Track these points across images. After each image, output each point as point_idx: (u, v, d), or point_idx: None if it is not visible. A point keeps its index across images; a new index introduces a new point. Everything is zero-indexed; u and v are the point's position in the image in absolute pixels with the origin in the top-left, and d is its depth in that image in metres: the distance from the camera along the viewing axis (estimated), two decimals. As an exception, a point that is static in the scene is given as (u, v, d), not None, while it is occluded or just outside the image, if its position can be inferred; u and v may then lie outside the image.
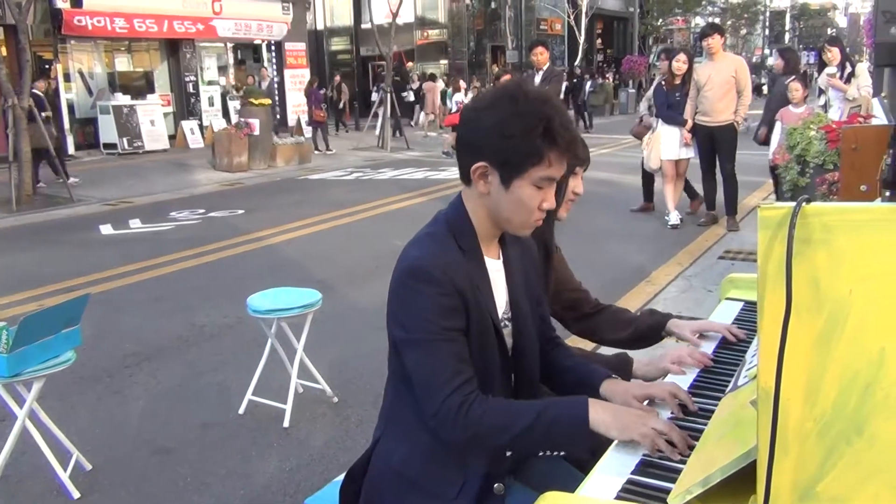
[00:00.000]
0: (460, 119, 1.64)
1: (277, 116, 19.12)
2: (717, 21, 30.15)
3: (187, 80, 18.81)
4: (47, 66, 15.68)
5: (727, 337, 2.00)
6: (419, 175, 12.77)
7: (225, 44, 20.29)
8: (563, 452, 1.59)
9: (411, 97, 22.18)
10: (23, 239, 8.57)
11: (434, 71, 25.94)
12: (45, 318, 3.00)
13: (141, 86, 18.30)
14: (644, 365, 1.95)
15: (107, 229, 8.87)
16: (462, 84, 19.35)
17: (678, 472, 1.33)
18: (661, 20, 36.69)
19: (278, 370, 3.94)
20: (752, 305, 2.25)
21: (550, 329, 1.90)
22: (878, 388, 0.99)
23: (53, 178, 11.53)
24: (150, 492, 3.16)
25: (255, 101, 13.84)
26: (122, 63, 18.34)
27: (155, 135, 17.02)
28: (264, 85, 16.73)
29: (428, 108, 21.04)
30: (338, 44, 30.94)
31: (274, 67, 20.81)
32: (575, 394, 1.63)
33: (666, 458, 1.41)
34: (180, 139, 17.95)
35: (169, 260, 7.16)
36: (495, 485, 1.64)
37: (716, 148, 7.69)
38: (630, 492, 1.32)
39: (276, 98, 19.59)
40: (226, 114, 19.26)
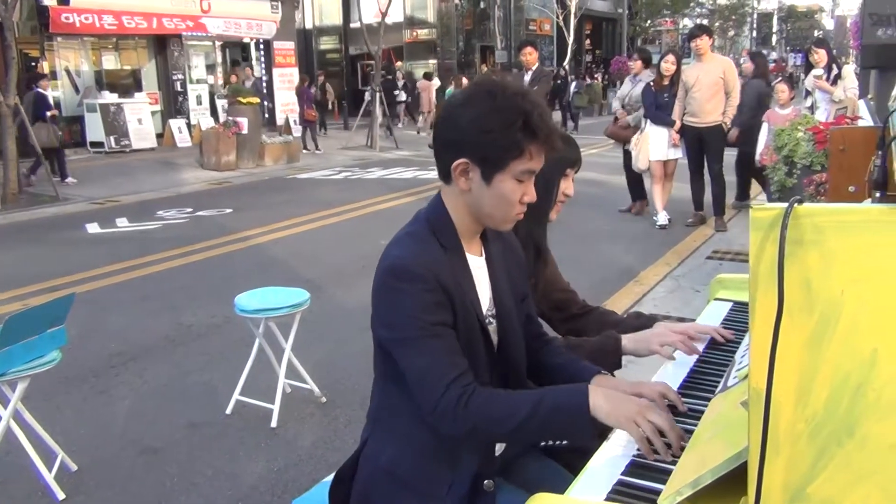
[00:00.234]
0: (437, 117, 1.63)
1: (266, 115, 19.05)
2: (704, 22, 30.27)
3: (175, 78, 18.71)
4: (34, 64, 15.59)
5: (715, 338, 2.00)
6: (408, 175, 12.75)
7: (213, 42, 20.19)
8: (565, 442, 1.58)
9: (403, 96, 22.14)
10: (8, 238, 8.50)
11: (424, 70, 25.95)
12: (29, 317, 2.97)
13: (128, 84, 18.19)
14: (633, 342, 1.94)
15: (93, 228, 8.81)
16: (465, 81, 19.33)
17: (668, 473, 1.32)
18: (649, 21, 36.84)
19: (266, 370, 3.92)
20: (742, 306, 2.25)
21: (537, 325, 1.89)
22: (869, 389, 0.99)
23: (44, 176, 11.44)
24: (136, 492, 3.14)
25: (244, 100, 13.79)
26: (110, 61, 18.21)
27: (142, 133, 16.91)
28: (248, 84, 16.64)
29: (424, 106, 21.07)
30: (327, 43, 30.89)
31: (262, 66, 20.73)
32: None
33: (657, 457, 1.40)
34: (168, 138, 17.85)
35: (156, 259, 7.12)
36: (485, 481, 1.64)
37: (704, 149, 7.72)
38: (620, 493, 1.31)
39: (266, 96, 19.54)
40: (214, 112, 19.16)
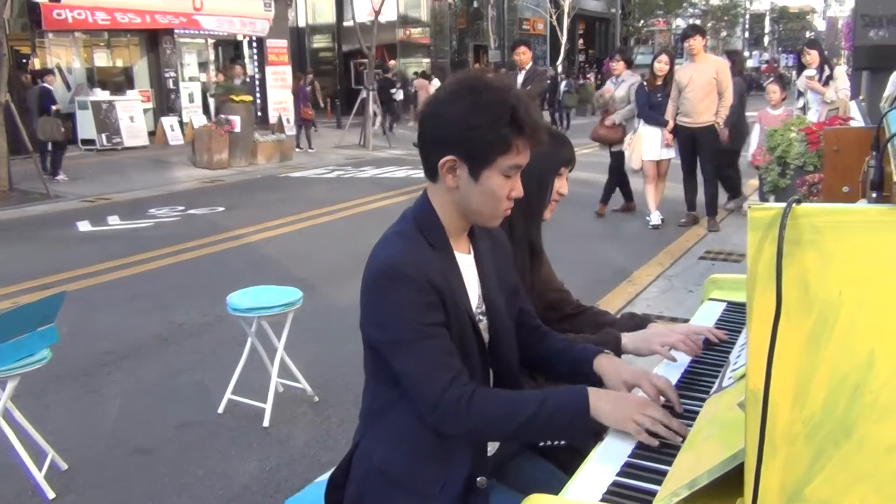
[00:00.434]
0: (421, 116, 1.61)
1: (258, 113, 18.99)
2: (697, 23, 30.34)
3: (167, 76, 18.63)
4: (24, 61, 15.50)
5: (710, 338, 2.00)
6: (401, 174, 12.74)
7: (206, 40, 20.12)
8: (562, 442, 1.58)
9: (400, 95, 22.09)
10: (-2, 235, 8.46)
11: (416, 69, 25.92)
12: (19, 315, 2.96)
13: (120, 81, 18.10)
14: (634, 340, 1.92)
15: (84, 226, 8.77)
16: None
17: (664, 473, 1.32)
18: (642, 21, 36.91)
19: (258, 369, 3.91)
20: (735, 306, 2.25)
21: (533, 318, 1.87)
22: (866, 390, 0.99)
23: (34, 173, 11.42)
24: (127, 492, 3.12)
25: (236, 98, 13.75)
26: (101, 58, 18.13)
27: (134, 131, 16.83)
28: (237, 82, 16.55)
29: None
30: (320, 41, 30.85)
31: (256, 64, 20.66)
32: (571, 375, 1.66)
33: (652, 458, 1.40)
34: (160, 136, 17.77)
35: (148, 257, 7.09)
36: (478, 479, 1.64)
37: (697, 149, 7.72)
38: (615, 494, 1.31)
39: (258, 95, 19.48)
40: (206, 110, 19.07)
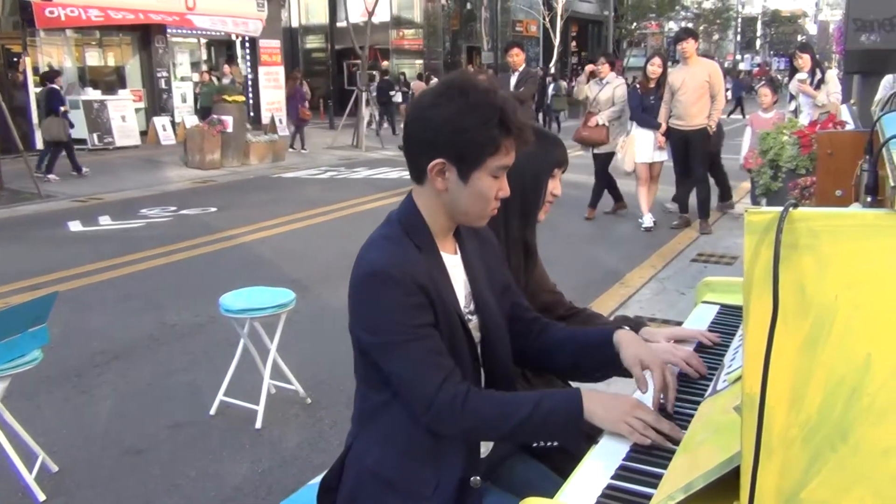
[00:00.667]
0: (407, 118, 1.61)
1: (251, 114, 18.95)
2: (690, 26, 30.43)
3: (159, 75, 18.57)
4: (16, 60, 15.41)
5: (703, 342, 2.00)
6: (394, 175, 12.74)
7: (198, 40, 20.07)
8: (555, 443, 1.59)
9: (399, 97, 22.05)
10: (-11, 235, 8.41)
11: (409, 70, 25.91)
12: (10, 316, 2.94)
13: (112, 81, 18.03)
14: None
15: (76, 226, 8.73)
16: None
17: (659, 477, 1.32)
18: (635, 24, 37.00)
19: (250, 370, 3.89)
20: (729, 309, 2.25)
21: (529, 311, 1.86)
22: (863, 393, 0.99)
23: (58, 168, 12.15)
24: (118, 493, 3.11)
25: (229, 98, 13.71)
26: (93, 57, 18.06)
27: (126, 131, 16.77)
28: (226, 81, 16.50)
29: None
30: (313, 42, 30.80)
31: (248, 64, 20.62)
32: (574, 366, 1.70)
33: (647, 462, 1.40)
34: (152, 135, 17.71)
35: (139, 258, 7.06)
36: (472, 478, 1.64)
37: (689, 151, 7.74)
38: (610, 497, 1.31)
39: (251, 95, 19.43)
40: (196, 110, 19.03)
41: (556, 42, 28.94)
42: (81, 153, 15.65)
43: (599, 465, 1.41)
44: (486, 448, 1.73)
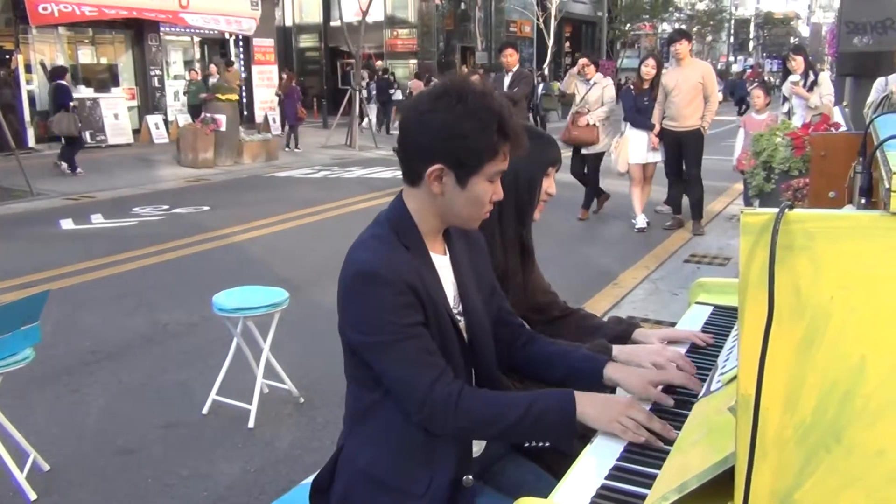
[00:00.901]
0: (403, 122, 1.60)
1: (244, 112, 18.90)
2: (683, 27, 30.49)
3: (152, 73, 18.51)
4: (7, 57, 15.33)
5: (696, 343, 2.00)
6: (387, 174, 12.73)
7: (192, 38, 20.01)
8: (548, 443, 1.60)
9: (398, 96, 22.01)
10: (-20, 233, 8.37)
11: (402, 70, 25.88)
12: (2, 314, 2.92)
13: (105, 79, 17.94)
14: (625, 354, 1.90)
15: (67, 224, 8.69)
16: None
17: (653, 477, 1.32)
18: (628, 25, 37.05)
19: (243, 370, 3.89)
20: (722, 310, 2.26)
21: (513, 317, 1.88)
22: (857, 395, 1.00)
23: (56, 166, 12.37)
24: (110, 493, 3.09)
25: (222, 97, 13.67)
26: (86, 55, 17.97)
27: (118, 129, 16.72)
28: (213, 80, 16.43)
29: None
30: (306, 41, 30.76)
31: (242, 63, 20.57)
32: (563, 382, 1.67)
33: (641, 462, 1.40)
34: (144, 134, 17.65)
35: (132, 256, 7.03)
36: (464, 477, 1.64)
37: (682, 153, 7.76)
38: (604, 497, 1.31)
39: (244, 94, 19.37)
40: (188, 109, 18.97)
41: (550, 43, 28.97)
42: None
43: (593, 466, 1.41)
44: (478, 447, 1.74)
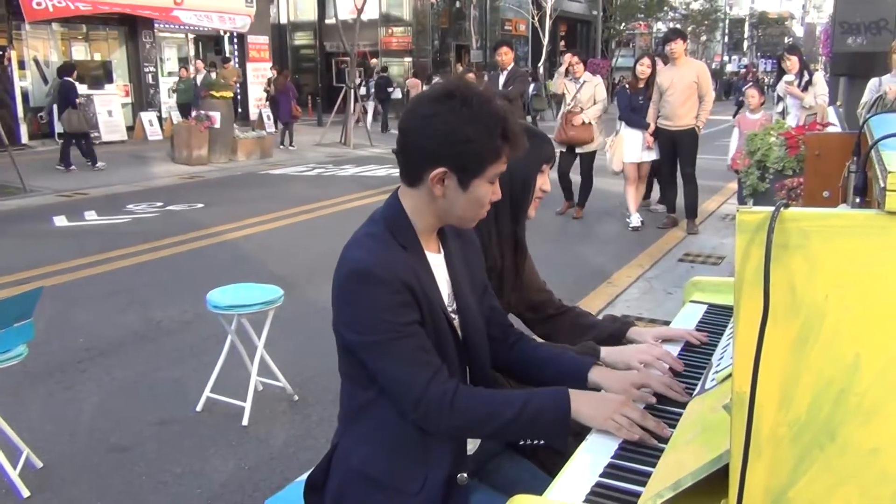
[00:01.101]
0: (404, 124, 1.58)
1: (239, 110, 18.86)
2: (678, 27, 30.52)
3: (146, 70, 18.46)
4: (1, 53, 15.26)
5: (690, 341, 2.01)
6: (381, 172, 12.72)
7: (186, 35, 19.95)
8: (542, 441, 1.60)
9: (398, 94, 21.95)
10: (-28, 229, 8.33)
11: (398, 68, 25.86)
12: (-4, 311, 2.91)
13: (99, 75, 17.87)
14: (611, 353, 1.92)
15: (61, 221, 8.66)
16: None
17: (647, 475, 1.33)
18: (623, 24, 37.08)
19: (237, 367, 3.88)
20: (716, 309, 2.27)
21: (503, 317, 1.89)
22: (851, 394, 1.00)
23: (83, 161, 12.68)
24: (103, 490, 3.09)
25: (217, 94, 13.64)
26: (80, 51, 17.90)
27: (112, 125, 16.66)
28: (199, 78, 16.38)
29: None
30: (301, 38, 30.72)
31: (236, 60, 20.52)
32: (558, 384, 1.66)
33: (635, 460, 1.41)
34: (138, 131, 17.59)
35: (125, 253, 7.02)
36: (458, 475, 1.64)
37: (677, 152, 7.78)
38: (599, 495, 1.31)
39: (238, 91, 19.32)
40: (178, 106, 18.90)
41: (545, 41, 28.97)
42: (67, 147, 15.57)
43: (588, 463, 1.42)
44: (473, 445, 1.74)
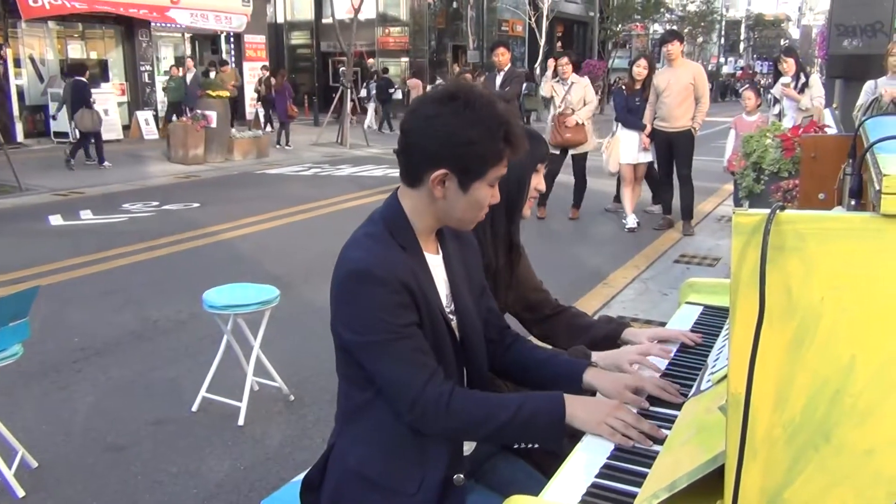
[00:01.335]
0: (406, 125, 1.58)
1: (236, 109, 18.81)
2: (674, 28, 30.55)
3: (143, 69, 18.44)
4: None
5: (686, 342, 2.01)
6: (378, 172, 12.72)
7: (182, 34, 19.93)
8: (536, 445, 1.61)
9: (399, 95, 21.92)
10: (-33, 228, 8.31)
11: (395, 68, 25.85)
12: (-9, 310, 2.91)
13: (95, 74, 17.85)
14: (603, 357, 1.92)
15: (56, 220, 8.65)
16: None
17: (643, 476, 1.33)
18: (620, 25, 37.10)
19: (233, 367, 3.88)
20: (712, 310, 2.27)
21: (500, 319, 1.89)
22: (846, 395, 1.00)
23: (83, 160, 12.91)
24: (99, 490, 3.08)
25: (213, 93, 13.62)
26: (76, 50, 17.88)
27: (108, 124, 16.56)
28: (189, 77, 16.35)
29: None
30: (298, 38, 30.70)
31: (233, 60, 20.51)
32: (553, 387, 1.66)
33: (631, 461, 1.41)
34: (134, 129, 17.58)
35: (121, 253, 7.01)
36: (455, 476, 1.64)
37: (673, 153, 7.79)
38: (594, 495, 1.32)
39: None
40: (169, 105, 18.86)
41: (542, 42, 28.98)
42: (62, 146, 15.53)
43: (584, 464, 1.42)
44: (469, 446, 1.74)
